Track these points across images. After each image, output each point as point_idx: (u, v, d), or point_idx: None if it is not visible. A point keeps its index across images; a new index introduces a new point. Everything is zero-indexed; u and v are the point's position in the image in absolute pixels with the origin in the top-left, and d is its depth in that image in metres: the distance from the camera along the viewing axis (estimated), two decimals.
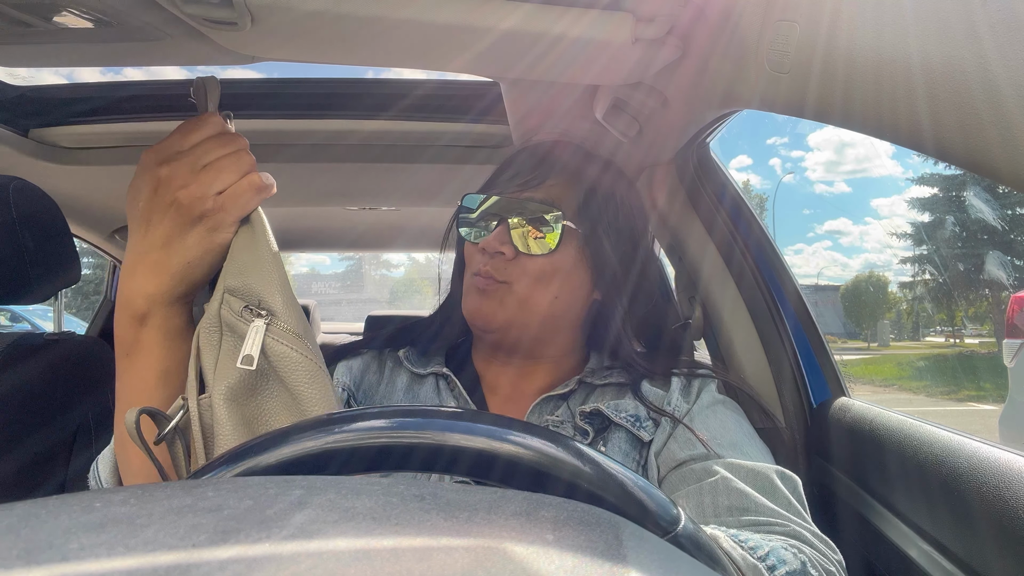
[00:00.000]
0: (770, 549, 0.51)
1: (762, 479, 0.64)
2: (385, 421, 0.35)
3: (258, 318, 0.54)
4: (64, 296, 4.67)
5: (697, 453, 0.69)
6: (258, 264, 0.56)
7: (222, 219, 0.56)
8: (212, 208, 0.55)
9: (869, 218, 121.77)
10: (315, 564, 0.19)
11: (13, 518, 0.21)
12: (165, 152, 0.56)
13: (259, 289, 0.55)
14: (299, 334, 0.55)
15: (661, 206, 1.14)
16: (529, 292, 0.77)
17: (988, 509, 0.59)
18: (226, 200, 0.55)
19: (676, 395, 0.77)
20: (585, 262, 0.80)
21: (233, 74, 33.36)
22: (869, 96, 0.50)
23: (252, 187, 0.56)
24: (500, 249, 0.76)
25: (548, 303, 0.78)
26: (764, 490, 0.63)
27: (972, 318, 20.51)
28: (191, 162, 0.55)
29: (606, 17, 0.68)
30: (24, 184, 0.99)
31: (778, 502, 0.62)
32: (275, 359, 0.55)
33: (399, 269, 52.53)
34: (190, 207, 0.55)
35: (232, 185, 0.56)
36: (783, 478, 0.65)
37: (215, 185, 0.55)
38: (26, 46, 0.73)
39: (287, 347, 0.54)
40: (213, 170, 0.55)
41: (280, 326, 0.55)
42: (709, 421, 0.73)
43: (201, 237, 0.56)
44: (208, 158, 0.55)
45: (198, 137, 0.56)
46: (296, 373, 0.55)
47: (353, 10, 0.64)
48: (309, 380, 0.55)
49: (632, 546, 0.24)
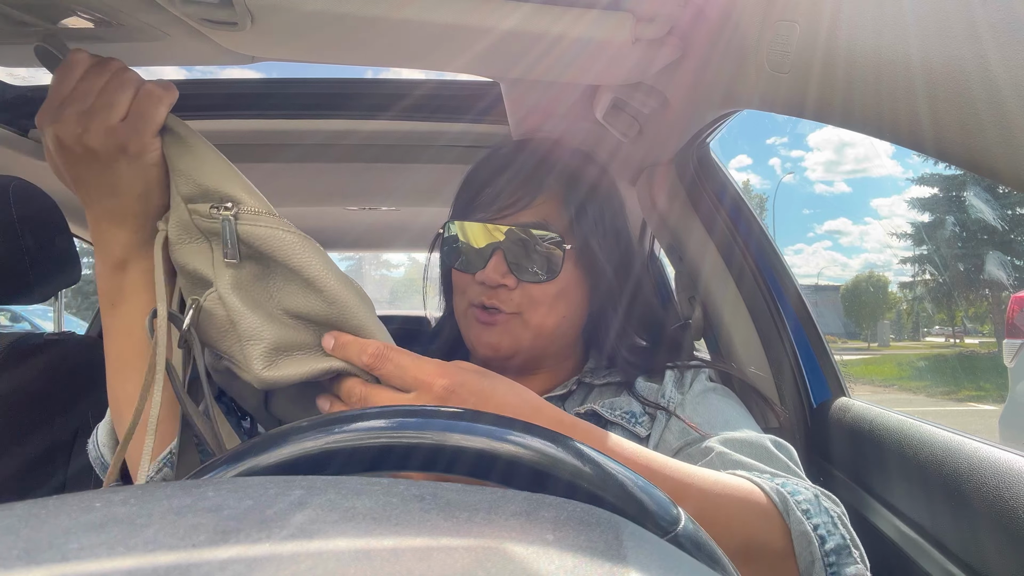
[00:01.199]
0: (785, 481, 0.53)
1: (757, 448, 0.64)
2: (385, 421, 0.35)
3: (226, 211, 0.54)
4: (64, 296, 4.67)
5: (692, 438, 0.69)
6: (200, 162, 0.56)
7: (139, 141, 0.54)
8: (123, 137, 0.54)
9: (869, 218, 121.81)
10: (315, 564, 0.19)
11: (13, 518, 0.21)
12: (50, 111, 0.55)
13: (213, 184, 0.55)
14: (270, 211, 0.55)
15: (661, 206, 1.14)
16: (541, 319, 0.76)
17: (988, 509, 0.59)
18: (131, 123, 0.54)
19: (670, 387, 0.77)
20: (582, 275, 0.79)
21: (233, 74, 33.46)
22: (869, 96, 0.50)
23: (151, 99, 0.54)
24: (502, 281, 0.74)
25: (556, 324, 0.78)
26: (761, 457, 0.63)
27: (972, 318, 20.51)
28: (77, 107, 0.53)
29: (606, 17, 0.68)
30: (24, 184, 0.99)
31: (777, 468, 0.62)
32: (259, 243, 0.54)
33: (399, 269, 52.51)
34: (102, 147, 0.54)
35: (129, 106, 0.54)
36: (779, 446, 0.65)
37: (112, 116, 0.53)
38: (26, 46, 0.73)
39: (264, 227, 0.54)
40: (100, 104, 0.53)
41: (249, 210, 0.54)
42: (700, 408, 0.74)
43: (132, 167, 0.55)
44: (91, 95, 0.54)
45: (72, 80, 0.54)
46: (284, 248, 0.54)
47: (353, 10, 0.64)
48: (294, 249, 0.54)
49: (632, 546, 0.24)
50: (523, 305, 0.75)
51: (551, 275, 0.75)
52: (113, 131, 0.53)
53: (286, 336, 0.54)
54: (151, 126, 0.55)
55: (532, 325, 0.76)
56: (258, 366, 0.53)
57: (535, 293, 0.76)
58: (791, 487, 0.54)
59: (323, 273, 0.54)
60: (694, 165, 1.08)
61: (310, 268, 0.54)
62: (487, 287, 0.75)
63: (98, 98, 0.54)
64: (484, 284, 0.75)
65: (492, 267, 0.74)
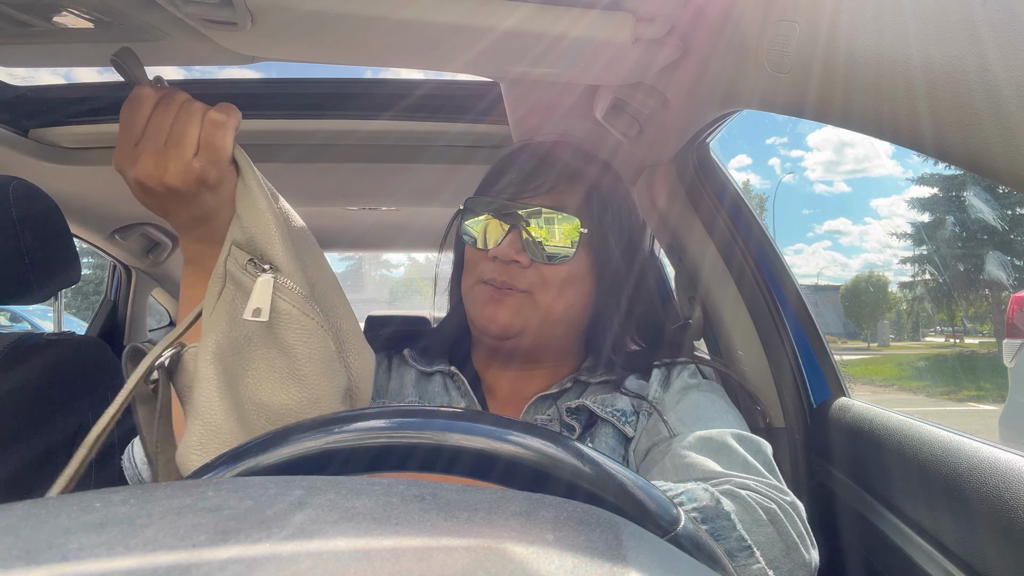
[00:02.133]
0: (684, 490, 0.52)
1: (714, 444, 0.64)
2: (385, 421, 0.35)
3: (264, 272, 0.53)
4: (64, 296, 4.67)
5: (660, 438, 0.70)
6: (255, 215, 0.54)
7: (215, 172, 0.54)
8: (200, 170, 0.54)
9: (869, 218, 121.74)
10: (315, 564, 0.19)
11: (13, 518, 0.21)
12: (126, 152, 0.55)
13: (261, 242, 0.54)
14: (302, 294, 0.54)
15: (661, 206, 1.14)
16: (550, 301, 0.77)
17: (988, 509, 0.59)
18: (203, 155, 0.54)
19: (655, 385, 0.77)
20: (593, 264, 0.80)
21: (233, 74, 33.39)
22: (869, 96, 0.50)
23: (215, 126, 0.54)
24: (516, 258, 0.75)
25: (564, 310, 0.78)
26: (714, 452, 0.62)
27: (972, 318, 20.51)
28: (153, 147, 0.54)
29: (606, 17, 0.68)
30: (24, 184, 0.99)
31: (732, 464, 0.61)
32: (273, 315, 0.53)
33: (399, 269, 52.54)
34: (183, 185, 0.54)
35: (199, 139, 0.54)
36: (741, 440, 0.65)
37: (186, 151, 0.53)
38: (26, 46, 0.73)
39: (287, 303, 0.53)
40: (174, 140, 0.53)
41: (283, 282, 0.53)
42: (679, 405, 0.74)
43: (216, 196, 0.56)
44: (164, 132, 0.54)
45: (143, 118, 0.54)
46: (292, 330, 0.53)
47: (353, 10, 0.64)
48: (306, 339, 0.53)
49: (632, 546, 0.24)
50: (535, 284, 0.76)
51: (564, 257, 0.77)
52: (190, 167, 0.53)
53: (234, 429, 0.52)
54: (223, 155, 0.54)
55: (541, 307, 0.77)
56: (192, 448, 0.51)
57: (547, 274, 0.77)
58: (687, 495, 0.52)
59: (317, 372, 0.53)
60: (694, 165, 1.08)
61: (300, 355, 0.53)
62: (500, 263, 0.76)
63: (170, 135, 0.54)
64: (497, 259, 0.76)
65: (507, 243, 0.76)
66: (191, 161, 0.53)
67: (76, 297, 10.76)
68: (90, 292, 8.28)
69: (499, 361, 0.84)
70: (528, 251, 0.76)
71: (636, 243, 0.85)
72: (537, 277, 0.77)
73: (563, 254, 0.77)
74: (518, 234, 0.77)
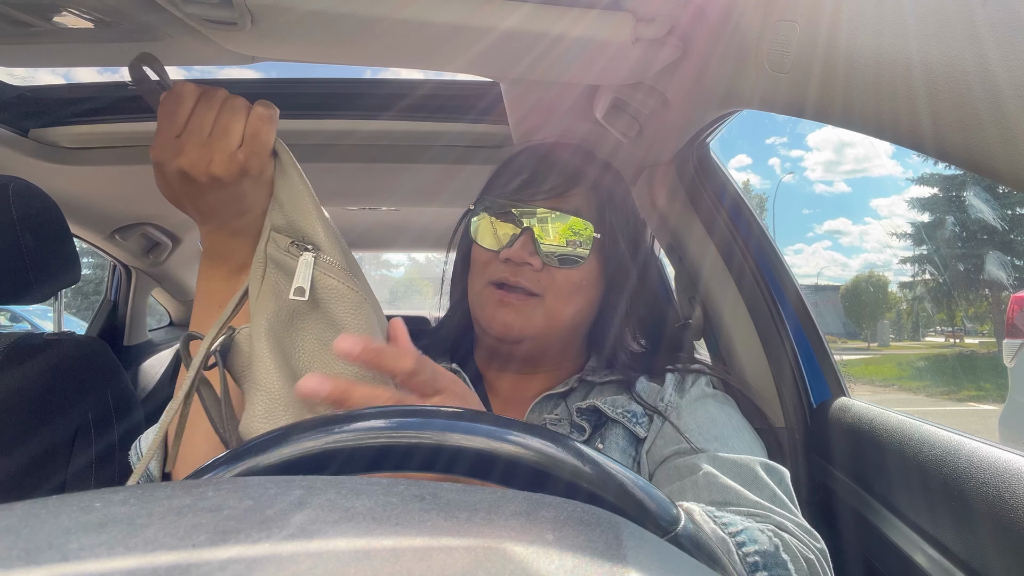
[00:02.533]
0: (744, 528, 0.52)
1: (745, 472, 0.64)
2: (385, 421, 0.35)
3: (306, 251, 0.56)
4: (64, 296, 4.67)
5: (682, 448, 0.69)
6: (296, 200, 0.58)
7: (258, 162, 0.57)
8: (244, 160, 0.56)
9: (869, 218, 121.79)
10: (315, 564, 0.19)
11: (13, 518, 0.21)
12: (167, 143, 0.56)
13: (302, 224, 0.57)
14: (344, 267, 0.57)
15: (661, 206, 1.14)
16: (560, 305, 0.76)
17: (988, 509, 0.59)
18: (249, 146, 0.56)
19: (670, 390, 0.77)
20: (602, 270, 0.80)
21: (233, 74, 33.37)
22: (869, 96, 0.50)
23: (261, 120, 0.57)
24: (528, 260, 0.75)
25: (573, 315, 0.78)
26: (748, 483, 0.63)
27: (972, 318, 20.50)
28: (197, 139, 0.55)
29: (606, 17, 0.68)
30: (24, 184, 0.99)
31: (762, 494, 0.62)
32: (321, 291, 0.56)
33: (399, 269, 52.53)
34: (227, 174, 0.56)
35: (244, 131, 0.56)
36: (768, 470, 0.65)
37: (232, 142, 0.56)
38: (26, 46, 0.73)
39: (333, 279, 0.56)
40: (220, 131, 0.56)
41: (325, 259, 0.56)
42: (697, 414, 0.74)
43: (255, 187, 0.58)
44: (208, 125, 0.56)
45: (185, 112, 0.56)
46: (341, 304, 0.56)
47: (353, 10, 0.64)
48: (354, 311, 0.56)
49: (632, 546, 0.24)
50: (546, 288, 0.76)
51: (577, 262, 0.76)
52: (234, 157, 0.56)
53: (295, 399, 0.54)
54: (267, 146, 0.57)
55: (550, 311, 0.76)
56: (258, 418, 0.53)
57: (558, 278, 0.76)
58: (749, 534, 0.51)
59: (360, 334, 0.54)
60: (694, 165, 1.08)
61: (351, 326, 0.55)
62: (512, 264, 0.76)
63: (215, 128, 0.55)
64: (509, 261, 0.75)
65: (520, 244, 0.75)
66: (236, 152, 0.56)
67: (76, 297, 10.76)
68: (90, 292, 8.28)
69: (498, 361, 0.84)
70: (540, 254, 0.76)
71: (640, 245, 0.85)
72: (549, 281, 0.76)
73: (576, 258, 0.76)
74: (531, 236, 0.76)
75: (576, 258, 0.76)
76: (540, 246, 0.76)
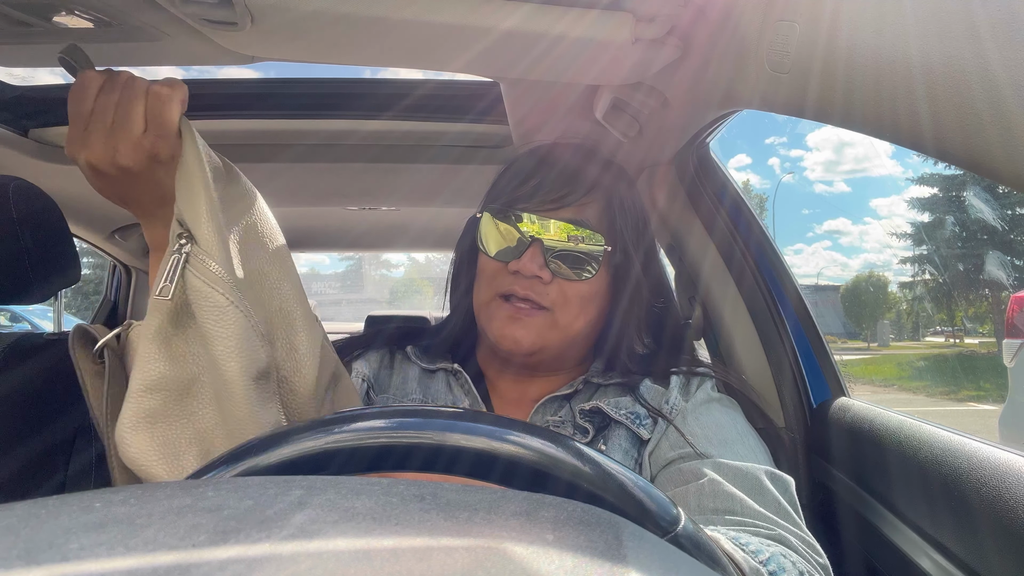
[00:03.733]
0: (770, 555, 0.51)
1: (750, 480, 0.63)
2: (385, 421, 0.35)
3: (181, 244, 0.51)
4: (64, 296, 4.67)
5: (686, 452, 0.69)
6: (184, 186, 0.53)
7: (165, 146, 0.53)
8: (151, 147, 0.53)
9: (869, 218, 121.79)
10: (315, 564, 0.19)
11: (13, 518, 0.21)
12: (76, 138, 0.54)
13: (186, 215, 0.52)
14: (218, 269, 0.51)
15: (661, 206, 1.14)
16: (571, 320, 0.75)
17: (988, 509, 0.59)
18: (151, 130, 0.53)
19: (675, 393, 0.76)
20: (612, 281, 0.79)
21: (233, 74, 33.37)
22: (869, 96, 0.50)
23: (161, 100, 0.53)
24: (538, 273, 0.73)
25: (583, 327, 0.77)
26: (752, 491, 0.62)
27: (972, 318, 20.50)
28: (100, 130, 0.53)
29: (606, 17, 0.68)
30: (24, 184, 0.99)
31: (766, 504, 0.61)
32: (189, 292, 0.51)
33: (399, 269, 52.54)
34: (135, 163, 0.53)
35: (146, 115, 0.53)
36: (773, 479, 0.65)
37: (134, 128, 0.53)
38: (26, 46, 0.73)
39: (199, 280, 0.50)
40: (122, 119, 0.53)
41: (199, 256, 0.50)
42: (702, 418, 0.73)
43: (170, 172, 0.55)
44: (110, 113, 0.53)
45: (89, 102, 0.54)
46: (202, 308, 0.50)
47: (353, 10, 0.64)
48: (216, 317, 0.50)
49: (632, 546, 0.24)
50: (556, 301, 0.74)
51: (588, 275, 0.75)
52: (139, 144, 0.53)
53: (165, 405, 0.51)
54: (169, 128, 0.54)
55: (561, 325, 0.75)
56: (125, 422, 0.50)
57: (569, 291, 0.75)
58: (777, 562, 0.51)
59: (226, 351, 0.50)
60: (694, 165, 1.08)
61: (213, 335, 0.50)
62: (520, 277, 0.74)
63: (116, 114, 0.53)
64: (518, 274, 0.74)
65: (529, 256, 0.73)
66: (140, 138, 0.53)
67: (76, 297, 10.75)
68: (90, 292, 8.27)
69: (500, 362, 0.84)
70: (551, 267, 0.74)
71: (650, 253, 0.84)
72: (559, 294, 0.74)
73: (586, 271, 0.75)
74: (540, 248, 0.74)
75: (587, 271, 0.75)
76: (551, 259, 0.74)
